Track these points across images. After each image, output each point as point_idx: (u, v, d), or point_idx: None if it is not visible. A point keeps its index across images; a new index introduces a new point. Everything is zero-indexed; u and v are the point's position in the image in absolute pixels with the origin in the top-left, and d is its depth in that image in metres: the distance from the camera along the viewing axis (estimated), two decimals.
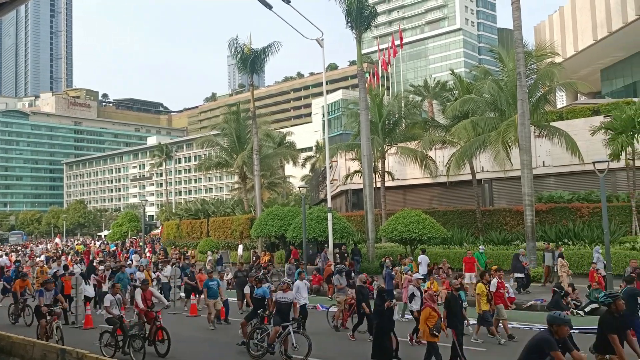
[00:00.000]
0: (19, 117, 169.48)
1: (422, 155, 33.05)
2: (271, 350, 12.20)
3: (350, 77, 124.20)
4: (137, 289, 13.63)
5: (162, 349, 12.53)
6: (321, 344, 13.06)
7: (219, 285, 16.71)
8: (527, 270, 21.14)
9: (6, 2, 8.67)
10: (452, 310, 11.13)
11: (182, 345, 13.58)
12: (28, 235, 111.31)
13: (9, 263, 34.98)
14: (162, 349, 12.54)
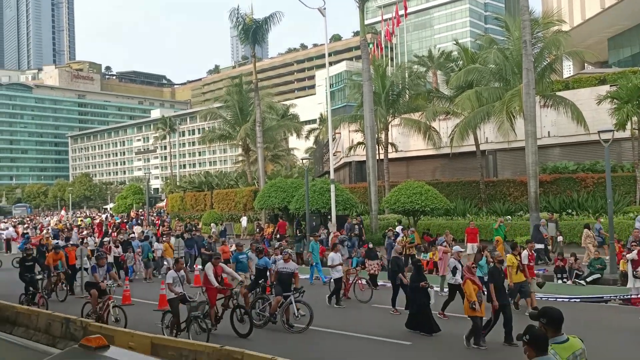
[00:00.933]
0: (23, 90, 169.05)
1: (426, 126, 32.81)
2: (273, 319, 12.32)
3: (354, 49, 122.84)
4: (208, 263, 12.49)
5: (244, 329, 11.51)
6: (323, 314, 13.17)
7: (248, 258, 15.87)
8: (547, 241, 20.94)
9: None
10: (497, 284, 10.61)
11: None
12: (35, 208, 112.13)
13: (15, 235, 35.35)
14: (244, 329, 11.52)
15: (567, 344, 4.59)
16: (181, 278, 11.77)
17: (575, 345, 4.62)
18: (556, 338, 4.60)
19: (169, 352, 9.10)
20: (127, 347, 9.72)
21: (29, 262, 15.99)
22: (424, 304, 11.62)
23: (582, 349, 4.65)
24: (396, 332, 11.75)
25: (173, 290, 11.44)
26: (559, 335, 4.62)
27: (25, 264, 15.86)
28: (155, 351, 9.34)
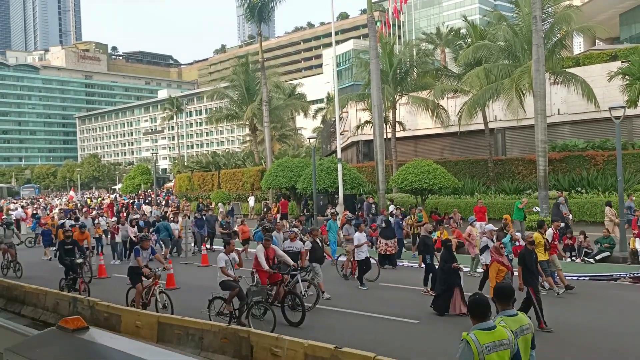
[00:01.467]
0: (30, 72, 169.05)
1: (434, 104, 32.48)
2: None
3: (362, 27, 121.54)
4: (259, 246, 11.76)
5: (295, 317, 10.76)
6: (330, 293, 13.15)
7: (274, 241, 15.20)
8: (567, 219, 20.58)
9: None
10: (527, 265, 10.15)
11: (189, 294, 13.73)
12: (44, 189, 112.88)
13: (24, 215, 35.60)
14: (295, 317, 10.78)
15: (516, 318, 4.87)
16: (232, 260, 10.99)
17: (523, 320, 4.92)
18: (506, 311, 4.90)
19: (176, 330, 9.14)
20: (134, 327, 9.79)
21: (68, 245, 14.99)
22: (454, 284, 11.28)
23: (529, 324, 4.93)
24: (404, 310, 11.72)
25: (227, 274, 10.69)
26: (509, 309, 4.91)
27: (65, 247, 14.92)
28: (162, 330, 9.38)
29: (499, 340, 4.39)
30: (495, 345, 4.36)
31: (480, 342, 4.31)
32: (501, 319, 4.78)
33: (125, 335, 9.92)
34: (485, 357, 4.28)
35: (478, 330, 4.42)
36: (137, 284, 11.80)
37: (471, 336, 4.35)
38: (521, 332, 4.82)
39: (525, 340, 4.86)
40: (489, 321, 4.50)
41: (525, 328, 4.88)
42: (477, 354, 4.27)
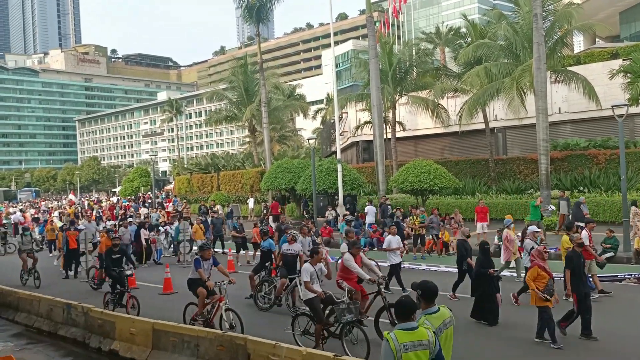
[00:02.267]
0: (30, 75, 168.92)
1: (434, 104, 32.26)
2: (278, 302, 12.09)
3: (361, 27, 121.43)
4: (346, 253, 10.28)
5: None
6: None
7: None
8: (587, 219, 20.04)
9: None
10: (575, 270, 9.27)
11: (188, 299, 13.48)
12: (44, 192, 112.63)
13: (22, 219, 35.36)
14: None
15: (438, 314, 5.07)
16: (319, 272, 9.32)
17: (444, 314, 5.12)
18: (428, 309, 5.08)
19: (171, 337, 8.90)
20: (129, 334, 9.55)
21: (116, 255, 13.08)
22: (494, 291, 10.45)
23: (450, 317, 5.17)
24: None
25: (312, 289, 9.04)
26: (431, 306, 5.09)
27: (112, 257, 12.99)
28: (157, 337, 9.14)
29: (418, 340, 4.57)
30: (413, 345, 4.54)
31: (398, 341, 4.51)
32: (424, 318, 4.97)
33: (121, 342, 9.71)
34: (402, 356, 4.49)
35: (399, 329, 4.63)
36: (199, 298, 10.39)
37: (391, 335, 4.56)
38: (444, 327, 5.05)
39: (448, 334, 5.12)
40: (411, 322, 4.68)
41: (447, 322, 5.11)
42: (395, 351, 4.48)
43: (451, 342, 5.17)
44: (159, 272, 17.02)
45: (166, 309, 12.37)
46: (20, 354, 10.19)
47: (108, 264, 12.92)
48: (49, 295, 12.37)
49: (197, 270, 10.46)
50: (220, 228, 22.52)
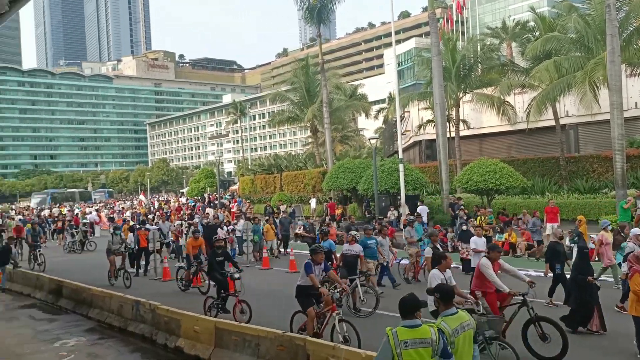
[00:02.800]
0: (104, 81, 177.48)
1: (500, 101, 31.24)
2: (338, 303, 11.98)
3: (424, 25, 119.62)
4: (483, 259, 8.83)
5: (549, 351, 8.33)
6: (390, 297, 12.70)
7: (377, 244, 14.03)
8: None
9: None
10: None
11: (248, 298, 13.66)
12: (118, 192, 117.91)
13: (97, 219, 37.07)
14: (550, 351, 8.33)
15: (455, 316, 5.23)
16: (448, 280, 8.11)
17: (463, 317, 5.27)
18: (447, 311, 5.27)
19: (233, 336, 9.02)
20: (193, 332, 9.76)
21: (220, 257, 12.20)
22: (593, 301, 9.57)
23: (469, 320, 5.30)
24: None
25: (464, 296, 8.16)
26: (449, 308, 5.27)
27: (217, 259, 12.12)
28: (219, 335, 9.29)
29: (420, 337, 4.67)
30: (414, 342, 4.64)
31: (398, 337, 4.63)
32: (442, 319, 5.17)
33: (185, 339, 9.95)
34: (402, 352, 4.59)
35: (401, 327, 4.75)
36: (309, 307, 9.21)
37: (392, 331, 4.69)
38: (462, 329, 5.16)
39: (468, 336, 5.22)
40: (415, 319, 4.81)
41: (465, 325, 5.23)
42: (394, 347, 4.59)
43: (471, 345, 5.26)
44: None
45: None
46: (93, 349, 10.65)
47: (213, 266, 11.96)
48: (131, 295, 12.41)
49: (309, 276, 9.26)
50: (288, 228, 22.69)
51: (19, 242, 25.27)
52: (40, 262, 20.85)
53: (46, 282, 15.75)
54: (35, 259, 21.14)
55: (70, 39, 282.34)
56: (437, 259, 8.70)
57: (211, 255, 12.43)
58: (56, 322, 13.07)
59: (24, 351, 10.67)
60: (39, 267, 20.48)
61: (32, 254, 21.44)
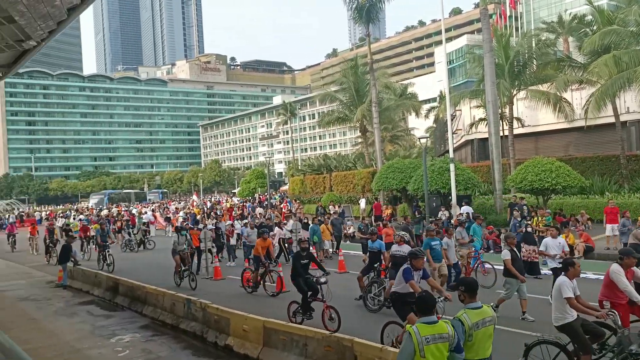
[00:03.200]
0: (159, 85, 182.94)
1: (556, 97, 30.20)
2: (388, 304, 11.88)
3: (476, 21, 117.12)
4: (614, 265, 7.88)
5: None
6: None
7: (442, 245, 13.39)
8: None
9: None
10: None
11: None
12: (172, 193, 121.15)
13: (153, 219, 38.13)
14: None
15: (479, 311, 5.39)
16: (574, 290, 7.27)
17: (486, 312, 5.43)
18: (471, 304, 5.45)
19: (281, 336, 9.06)
20: (242, 330, 9.87)
21: (305, 259, 11.56)
22: None
23: (492, 317, 5.44)
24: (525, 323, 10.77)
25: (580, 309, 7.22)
26: (473, 302, 5.45)
27: (302, 262, 11.49)
28: (267, 334, 9.36)
29: (438, 333, 4.92)
30: (434, 338, 4.88)
31: (420, 334, 4.86)
32: (464, 311, 5.37)
33: (235, 338, 10.08)
34: (424, 347, 4.83)
35: (421, 323, 4.98)
36: (407, 315, 8.62)
37: (414, 328, 4.93)
38: (483, 324, 5.33)
39: (488, 332, 5.38)
40: (432, 316, 5.05)
41: (487, 320, 5.39)
42: (417, 343, 4.82)
43: (491, 339, 5.44)
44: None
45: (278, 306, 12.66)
46: (147, 345, 10.94)
47: (298, 270, 11.31)
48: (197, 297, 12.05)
49: (409, 282, 8.61)
50: (340, 228, 22.63)
51: (86, 242, 26.09)
52: (109, 262, 20.79)
53: (104, 280, 16.32)
54: (104, 260, 21.07)
55: (128, 44, 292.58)
56: (565, 266, 7.68)
57: (295, 258, 11.72)
58: (113, 318, 13.51)
59: (83, 346, 11.08)
60: (107, 268, 20.47)
61: (101, 255, 21.34)
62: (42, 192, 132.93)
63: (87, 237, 26.41)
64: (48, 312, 14.73)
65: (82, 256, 24.02)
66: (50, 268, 23.04)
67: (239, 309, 10.74)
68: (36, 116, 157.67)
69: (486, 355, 5.39)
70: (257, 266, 14.86)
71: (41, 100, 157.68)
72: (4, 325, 13.31)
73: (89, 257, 24.85)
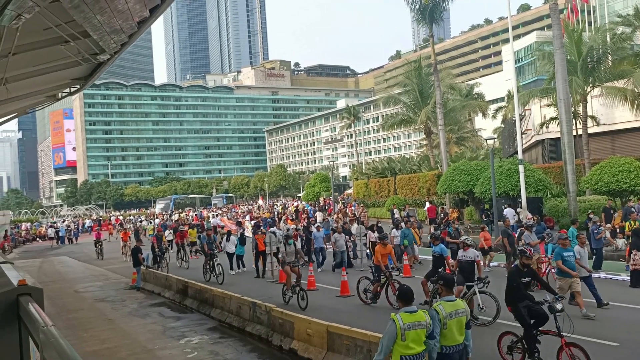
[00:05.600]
0: (226, 92, 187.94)
1: (634, 94, 28.62)
2: None
3: (545, 17, 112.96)
4: None
5: None
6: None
7: (575, 256, 11.70)
8: None
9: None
10: None
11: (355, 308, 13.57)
12: (240, 197, 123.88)
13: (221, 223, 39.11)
14: None
15: (453, 303, 6.23)
16: None
17: (459, 305, 6.25)
18: (446, 297, 6.34)
19: (344, 341, 9.03)
20: (306, 334, 9.91)
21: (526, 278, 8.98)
22: None
23: (464, 309, 6.22)
24: (600, 329, 10.24)
25: None
26: (449, 295, 6.39)
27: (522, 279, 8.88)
28: (331, 339, 9.35)
29: (418, 321, 5.71)
30: (414, 325, 5.68)
31: (403, 321, 5.66)
32: (440, 303, 6.20)
33: (299, 342, 10.14)
34: (405, 332, 5.62)
35: (403, 312, 5.79)
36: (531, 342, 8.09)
37: (397, 316, 5.71)
38: (456, 315, 6.09)
39: (460, 322, 6.14)
40: (412, 306, 5.86)
41: (460, 312, 6.15)
42: (399, 329, 5.61)
43: (462, 329, 6.15)
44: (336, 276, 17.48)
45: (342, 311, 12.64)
46: (214, 347, 11.21)
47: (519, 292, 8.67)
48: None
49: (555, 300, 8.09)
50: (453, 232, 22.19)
51: (182, 249, 24.58)
52: (219, 272, 18.31)
53: (174, 282, 16.88)
54: (211, 270, 18.81)
55: (196, 53, 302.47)
56: None
57: (514, 275, 8.96)
58: (182, 320, 13.94)
59: (154, 347, 11.48)
60: (217, 279, 18.23)
61: (207, 264, 19.09)
62: (118, 198, 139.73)
63: (182, 244, 24.78)
64: (123, 312, 15.40)
65: (178, 264, 23.37)
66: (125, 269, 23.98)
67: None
68: (112, 125, 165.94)
69: (459, 342, 6.12)
70: (378, 276, 13.53)
71: (116, 110, 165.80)
72: (83, 324, 14.04)
73: (187, 266, 23.53)
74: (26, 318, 2.36)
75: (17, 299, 2.56)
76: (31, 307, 2.34)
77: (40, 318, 2.09)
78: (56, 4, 6.82)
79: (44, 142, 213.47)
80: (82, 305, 16.97)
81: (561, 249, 11.74)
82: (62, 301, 17.86)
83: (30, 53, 9.38)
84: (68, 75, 12.97)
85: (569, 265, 11.51)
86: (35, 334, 2.04)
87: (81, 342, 12.13)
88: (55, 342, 1.75)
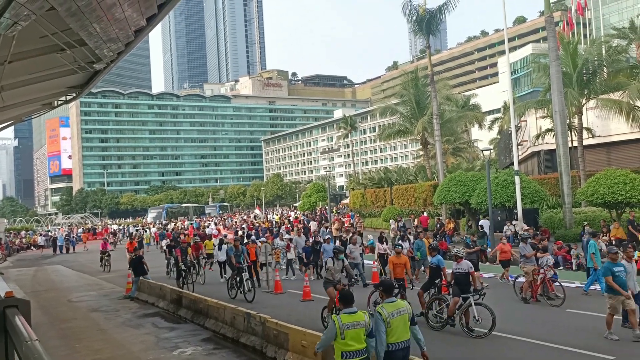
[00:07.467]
0: (223, 101, 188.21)
1: (629, 106, 28.75)
2: (451, 322, 11.57)
3: (541, 29, 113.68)
4: None
5: None
6: (507, 318, 12.01)
7: (626, 271, 10.55)
8: None
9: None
10: None
11: None
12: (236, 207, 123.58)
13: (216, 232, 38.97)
14: None
15: (394, 303, 6.66)
16: None
17: (400, 304, 6.69)
18: (387, 299, 6.77)
19: None
20: (301, 346, 9.81)
21: None
22: None
23: (405, 307, 6.66)
24: (596, 342, 10.20)
25: None
26: (390, 298, 6.79)
27: None
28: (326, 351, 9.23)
29: (356, 321, 6.25)
30: (352, 324, 6.22)
31: (342, 321, 6.22)
32: (381, 305, 6.64)
33: (293, 353, 10.04)
34: (345, 332, 6.17)
35: (343, 313, 6.34)
36: None
37: (337, 317, 6.29)
38: (398, 313, 6.51)
39: (403, 319, 6.55)
40: (352, 307, 6.42)
41: (402, 310, 6.58)
42: (339, 329, 6.18)
43: (406, 325, 6.56)
44: None
45: None
46: (208, 358, 11.08)
47: None
48: None
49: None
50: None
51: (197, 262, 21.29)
52: (248, 289, 16.53)
53: (168, 292, 16.74)
54: (238, 285, 16.93)
55: (193, 62, 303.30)
56: None
57: None
58: (176, 330, 13.80)
59: (147, 357, 11.34)
60: (246, 296, 16.43)
61: (234, 280, 17.22)
62: (113, 206, 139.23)
63: (197, 257, 22.03)
64: (116, 322, 15.25)
65: (194, 278, 19.83)
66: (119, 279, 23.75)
67: None
68: (108, 133, 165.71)
69: (406, 338, 6.54)
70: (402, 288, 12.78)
71: (113, 118, 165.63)
72: (77, 334, 13.91)
73: (203, 281, 21.14)
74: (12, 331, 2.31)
75: (4, 311, 2.50)
76: (17, 320, 2.29)
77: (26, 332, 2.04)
78: (52, 12, 6.81)
79: (39, 150, 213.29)
80: (75, 315, 16.80)
81: (611, 264, 10.45)
82: (55, 310, 17.70)
83: (27, 61, 9.36)
84: (64, 84, 12.96)
85: (619, 282, 10.28)
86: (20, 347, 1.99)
87: (74, 352, 12.00)
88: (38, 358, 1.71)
